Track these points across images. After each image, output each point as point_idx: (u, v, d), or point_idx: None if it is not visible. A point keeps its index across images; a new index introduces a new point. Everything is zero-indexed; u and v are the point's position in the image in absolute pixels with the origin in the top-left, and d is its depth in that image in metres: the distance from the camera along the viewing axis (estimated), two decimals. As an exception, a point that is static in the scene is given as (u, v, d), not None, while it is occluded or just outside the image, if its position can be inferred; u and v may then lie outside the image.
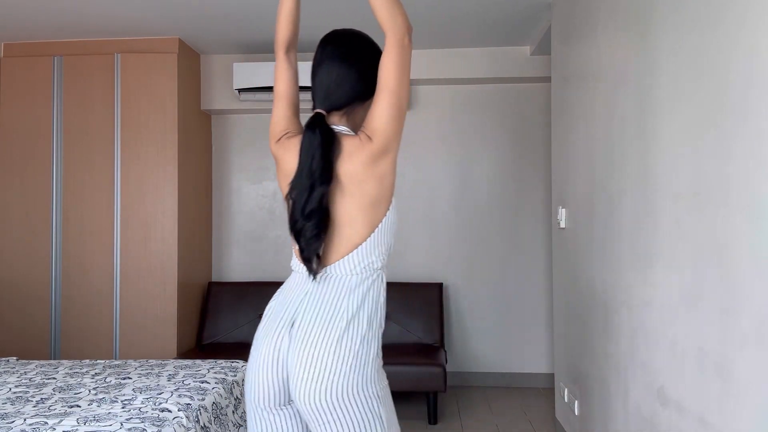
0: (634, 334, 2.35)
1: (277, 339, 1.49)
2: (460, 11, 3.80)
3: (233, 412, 2.49)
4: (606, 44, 2.69)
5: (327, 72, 1.56)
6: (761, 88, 1.51)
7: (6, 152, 4.29)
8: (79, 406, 2.13)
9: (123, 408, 2.10)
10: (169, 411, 2.09)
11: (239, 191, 4.88)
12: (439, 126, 4.75)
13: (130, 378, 2.54)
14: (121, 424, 1.93)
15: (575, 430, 3.17)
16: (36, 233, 4.26)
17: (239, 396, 2.62)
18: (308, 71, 1.63)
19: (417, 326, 4.33)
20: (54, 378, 2.56)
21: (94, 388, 2.38)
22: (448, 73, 4.55)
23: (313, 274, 1.49)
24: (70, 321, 4.23)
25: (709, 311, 1.76)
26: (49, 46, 4.30)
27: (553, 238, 3.71)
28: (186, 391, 2.31)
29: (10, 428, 1.89)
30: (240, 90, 4.44)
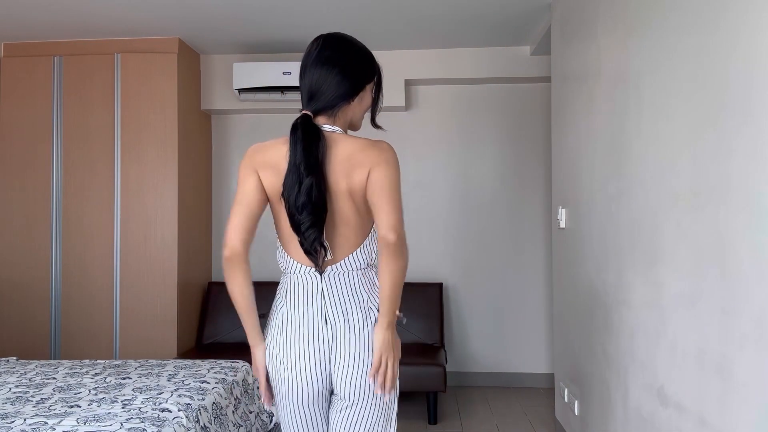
0: (634, 333, 2.35)
1: (314, 340, 1.59)
2: (461, 11, 3.80)
3: (233, 412, 2.49)
4: (606, 44, 2.69)
5: (311, 76, 1.60)
6: (761, 88, 1.51)
7: (6, 152, 4.29)
8: (79, 406, 2.13)
9: (123, 408, 2.10)
10: (169, 411, 2.09)
11: (239, 191, 4.87)
12: (439, 126, 4.75)
13: (130, 378, 2.54)
14: (121, 424, 1.93)
15: (575, 430, 3.17)
16: (36, 233, 4.26)
17: (239, 396, 2.62)
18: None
19: (417, 326, 4.33)
20: (54, 378, 2.56)
21: (94, 388, 2.38)
22: (448, 73, 4.55)
23: (319, 270, 1.58)
24: (70, 321, 4.23)
25: (709, 311, 1.76)
26: (49, 46, 4.30)
27: (553, 238, 3.71)
28: (186, 391, 2.31)
29: (10, 428, 1.89)
30: (240, 90, 4.44)
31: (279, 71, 4.36)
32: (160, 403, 2.16)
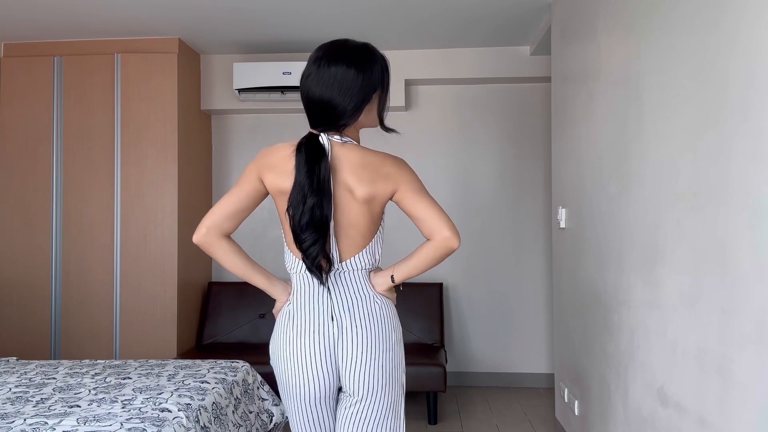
0: (634, 333, 2.35)
1: (320, 336, 1.60)
2: (460, 12, 3.80)
3: (233, 412, 2.49)
4: (606, 44, 2.69)
5: (314, 93, 1.57)
6: (761, 88, 1.51)
7: (6, 152, 4.29)
8: (79, 406, 2.13)
9: (123, 408, 2.10)
10: (169, 411, 2.09)
11: (239, 191, 4.87)
12: (439, 126, 4.75)
13: (130, 378, 2.54)
14: (121, 424, 1.93)
15: (575, 430, 3.17)
16: (36, 233, 4.26)
17: (239, 396, 2.62)
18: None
19: (417, 326, 4.33)
20: (54, 378, 2.56)
21: (94, 388, 2.38)
22: (448, 73, 4.55)
23: (322, 283, 1.60)
24: (70, 321, 4.23)
25: (709, 311, 1.76)
26: (49, 46, 4.30)
27: (553, 238, 3.71)
28: (186, 391, 2.31)
29: (10, 428, 1.89)
30: (240, 90, 4.44)
31: (279, 71, 4.36)
32: (160, 403, 2.16)
